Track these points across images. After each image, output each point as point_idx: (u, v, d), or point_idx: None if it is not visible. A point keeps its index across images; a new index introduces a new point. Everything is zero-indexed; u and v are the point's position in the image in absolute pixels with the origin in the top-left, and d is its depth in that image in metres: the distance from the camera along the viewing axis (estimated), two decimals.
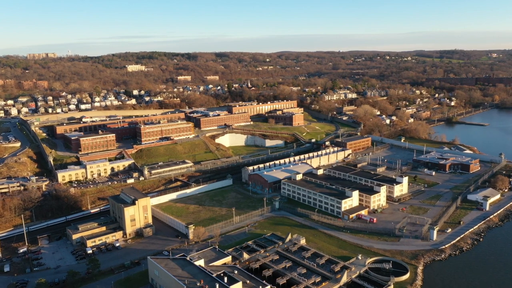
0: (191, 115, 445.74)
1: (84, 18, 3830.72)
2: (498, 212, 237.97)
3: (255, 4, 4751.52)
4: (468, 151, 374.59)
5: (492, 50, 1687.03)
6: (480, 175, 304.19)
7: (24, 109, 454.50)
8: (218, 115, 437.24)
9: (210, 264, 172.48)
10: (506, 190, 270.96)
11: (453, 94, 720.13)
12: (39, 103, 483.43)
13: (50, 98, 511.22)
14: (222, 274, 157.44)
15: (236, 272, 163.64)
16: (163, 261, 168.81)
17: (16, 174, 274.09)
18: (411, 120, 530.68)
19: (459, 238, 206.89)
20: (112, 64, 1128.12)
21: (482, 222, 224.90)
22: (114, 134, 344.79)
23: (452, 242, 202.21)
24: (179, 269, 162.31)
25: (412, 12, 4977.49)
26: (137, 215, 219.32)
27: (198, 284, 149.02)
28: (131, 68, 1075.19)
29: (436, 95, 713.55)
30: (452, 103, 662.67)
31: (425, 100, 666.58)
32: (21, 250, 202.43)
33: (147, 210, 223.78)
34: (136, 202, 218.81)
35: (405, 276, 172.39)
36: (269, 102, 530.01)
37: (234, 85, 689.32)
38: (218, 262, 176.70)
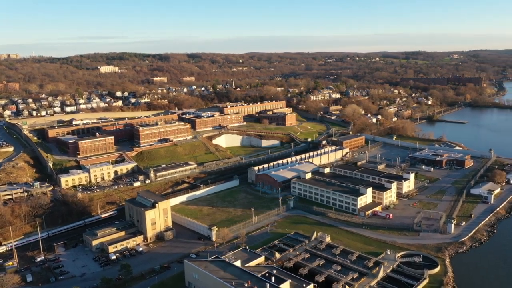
0: (184, 116, 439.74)
1: (40, 18, 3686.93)
2: (503, 204, 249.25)
3: (219, 5, 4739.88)
4: (457, 148, 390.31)
5: (453, 52, 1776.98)
6: (475, 170, 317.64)
7: (7, 112, 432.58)
8: (212, 116, 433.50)
9: (246, 265, 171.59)
10: (504, 184, 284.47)
11: (428, 93, 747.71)
12: (20, 106, 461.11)
13: (31, 100, 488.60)
14: (267, 274, 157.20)
15: (275, 271, 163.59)
16: (202, 264, 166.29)
17: (16, 180, 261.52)
18: (395, 118, 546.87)
19: (474, 230, 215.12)
20: (83, 65, 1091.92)
21: (491, 214, 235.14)
22: (112, 137, 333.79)
23: (469, 235, 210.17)
24: (220, 271, 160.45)
25: (375, 14, 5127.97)
26: (158, 219, 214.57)
27: (246, 285, 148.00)
28: (104, 69, 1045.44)
29: (413, 94, 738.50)
30: (429, 102, 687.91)
31: (403, 99, 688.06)
32: (39, 259, 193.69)
33: (167, 213, 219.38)
34: (157, 205, 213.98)
35: (436, 269, 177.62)
36: (258, 103, 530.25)
37: (218, 86, 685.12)
38: (253, 263, 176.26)
